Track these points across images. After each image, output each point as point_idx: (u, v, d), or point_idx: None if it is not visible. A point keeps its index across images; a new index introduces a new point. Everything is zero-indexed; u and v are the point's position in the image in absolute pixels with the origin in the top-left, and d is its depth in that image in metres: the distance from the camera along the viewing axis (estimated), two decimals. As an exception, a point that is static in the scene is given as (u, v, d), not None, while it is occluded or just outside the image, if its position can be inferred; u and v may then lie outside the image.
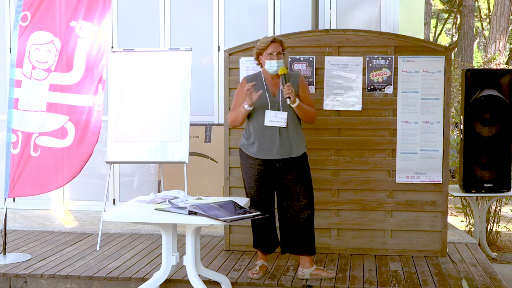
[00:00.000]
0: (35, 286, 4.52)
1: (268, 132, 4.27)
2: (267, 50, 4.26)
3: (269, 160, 4.29)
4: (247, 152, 4.36)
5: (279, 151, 4.27)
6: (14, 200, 6.91)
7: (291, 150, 4.30)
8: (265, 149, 4.28)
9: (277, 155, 4.27)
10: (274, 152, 4.27)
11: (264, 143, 4.28)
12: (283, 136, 4.27)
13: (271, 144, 4.26)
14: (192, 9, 6.66)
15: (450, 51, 5.05)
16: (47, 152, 5.05)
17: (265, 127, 4.27)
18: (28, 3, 5.04)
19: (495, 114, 5.69)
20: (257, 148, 4.30)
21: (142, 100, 5.48)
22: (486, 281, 4.35)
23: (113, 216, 4.15)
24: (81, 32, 5.15)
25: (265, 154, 4.29)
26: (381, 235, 5.05)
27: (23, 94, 5.01)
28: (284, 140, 4.27)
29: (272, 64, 4.25)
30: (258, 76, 4.38)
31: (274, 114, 4.25)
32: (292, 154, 4.30)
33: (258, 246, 4.57)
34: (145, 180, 6.83)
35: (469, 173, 5.76)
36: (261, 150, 4.29)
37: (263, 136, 4.28)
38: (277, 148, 4.26)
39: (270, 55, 4.25)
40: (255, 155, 4.31)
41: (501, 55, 13.96)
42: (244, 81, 4.40)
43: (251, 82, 4.30)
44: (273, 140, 4.26)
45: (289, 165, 4.31)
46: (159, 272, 4.03)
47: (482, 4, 22.41)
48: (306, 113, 4.31)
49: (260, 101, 4.27)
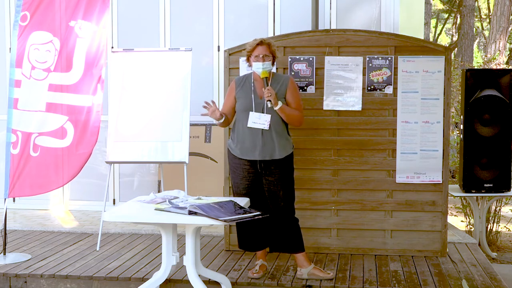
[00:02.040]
0: (35, 286, 4.52)
1: (250, 134, 4.30)
2: (253, 53, 4.29)
3: (253, 160, 4.33)
4: (233, 152, 4.41)
5: (261, 153, 4.29)
6: (14, 200, 6.91)
7: (273, 152, 4.30)
8: (248, 150, 4.32)
9: (259, 157, 4.30)
10: (256, 154, 4.30)
11: (246, 144, 4.32)
12: (265, 138, 4.28)
13: (253, 146, 4.30)
14: (192, 9, 6.66)
15: (450, 51, 5.05)
16: (46, 152, 5.05)
17: (248, 129, 4.30)
18: (28, 3, 5.04)
19: (495, 114, 5.69)
20: (240, 149, 4.35)
21: (142, 100, 5.48)
22: (486, 281, 4.35)
23: (113, 216, 4.14)
24: (80, 32, 5.15)
25: (248, 155, 4.33)
26: (381, 235, 5.05)
27: (22, 94, 5.01)
28: (266, 142, 4.29)
29: (258, 66, 4.27)
30: (248, 77, 4.42)
31: (257, 116, 4.27)
32: (274, 156, 4.31)
33: (242, 247, 4.58)
34: (145, 180, 6.83)
35: (469, 173, 5.76)
36: (243, 150, 4.33)
37: (246, 138, 4.31)
38: (259, 149, 4.29)
39: (256, 58, 4.28)
40: (239, 155, 4.36)
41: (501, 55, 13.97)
42: (233, 82, 4.45)
43: (241, 83, 4.39)
44: (255, 141, 4.29)
45: (271, 167, 4.32)
46: (159, 272, 4.03)
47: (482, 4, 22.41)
48: (289, 116, 4.30)
49: (245, 102, 4.32)
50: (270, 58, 4.30)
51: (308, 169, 5.04)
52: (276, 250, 4.55)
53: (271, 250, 4.59)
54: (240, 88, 4.38)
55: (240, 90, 4.38)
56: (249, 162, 4.34)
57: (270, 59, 4.30)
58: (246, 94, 4.34)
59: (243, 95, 4.35)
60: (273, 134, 4.29)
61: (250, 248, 4.57)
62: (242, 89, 4.37)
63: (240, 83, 4.41)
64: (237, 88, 4.40)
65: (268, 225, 4.47)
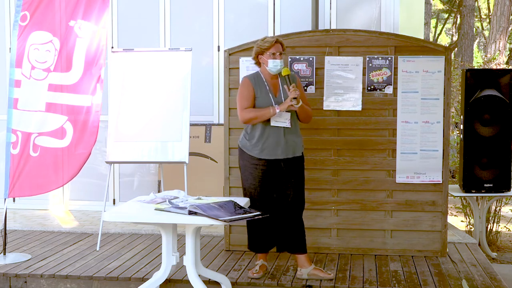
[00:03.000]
0: (35, 286, 4.52)
1: (273, 133, 4.29)
2: (271, 50, 4.27)
3: (273, 160, 4.31)
4: (250, 153, 4.36)
5: (285, 151, 4.31)
6: (14, 200, 6.90)
7: (295, 150, 4.36)
8: (270, 150, 4.30)
9: (282, 155, 4.31)
10: (279, 152, 4.30)
11: (269, 144, 4.30)
12: (287, 136, 4.31)
13: (276, 144, 4.29)
14: (192, 9, 6.66)
15: (450, 51, 5.05)
16: (46, 152, 5.05)
17: (270, 128, 4.29)
18: (28, 3, 5.04)
19: (495, 114, 5.69)
20: (261, 149, 4.31)
21: (142, 100, 5.48)
22: (486, 281, 4.35)
23: (113, 216, 4.14)
24: (80, 32, 5.15)
25: (270, 155, 4.31)
26: (381, 235, 5.05)
27: (22, 94, 5.01)
28: (288, 140, 4.32)
29: (276, 64, 4.27)
30: (258, 76, 4.39)
31: (279, 114, 4.27)
32: (296, 153, 4.37)
33: (253, 248, 4.56)
34: (145, 180, 6.83)
35: (469, 173, 5.75)
36: (265, 150, 4.31)
37: (269, 137, 4.30)
38: (282, 148, 4.30)
39: (273, 55, 4.27)
40: (259, 155, 4.32)
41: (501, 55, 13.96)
42: (247, 80, 4.37)
43: (253, 81, 4.34)
44: (279, 140, 4.29)
45: (292, 164, 4.35)
46: (159, 272, 4.03)
47: (482, 4, 22.40)
48: (306, 113, 4.37)
49: (265, 102, 4.29)
50: (282, 57, 4.32)
51: (308, 169, 5.02)
52: (283, 250, 4.53)
53: (278, 250, 4.57)
54: (256, 87, 4.33)
55: (257, 89, 4.32)
56: (268, 162, 4.32)
57: (282, 58, 4.32)
58: (263, 93, 4.31)
59: (261, 95, 4.31)
60: (294, 132, 4.34)
61: (260, 249, 4.54)
62: (258, 88, 4.32)
63: (254, 82, 4.34)
64: (254, 86, 4.32)
65: (278, 225, 4.46)
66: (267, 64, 4.31)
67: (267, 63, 4.30)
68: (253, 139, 4.35)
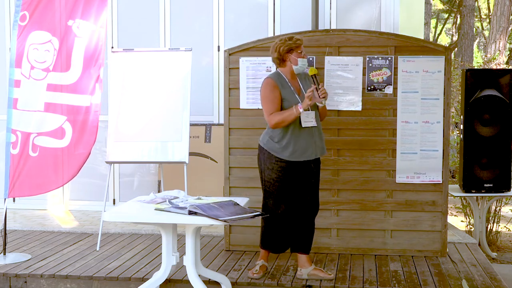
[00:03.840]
0: (35, 286, 4.52)
1: (304, 134, 4.23)
2: (300, 49, 4.23)
3: (303, 162, 4.27)
4: (278, 155, 4.23)
5: (315, 151, 4.30)
6: (14, 200, 6.90)
7: (322, 150, 4.38)
8: (301, 151, 4.24)
9: (313, 155, 4.29)
10: (309, 153, 4.27)
11: (300, 145, 4.23)
12: (315, 135, 4.30)
13: (307, 145, 4.25)
14: (192, 9, 6.66)
15: (450, 51, 5.05)
16: (45, 152, 5.04)
17: (300, 129, 4.22)
18: (27, 3, 5.03)
19: (495, 114, 5.69)
20: (292, 151, 4.22)
21: (142, 100, 5.48)
22: (486, 281, 4.35)
23: (113, 216, 4.14)
24: (78, 31, 5.14)
25: (300, 156, 4.25)
26: (381, 235, 5.05)
27: (22, 94, 5.01)
28: (317, 140, 4.32)
29: (304, 62, 4.25)
30: (280, 76, 4.28)
31: (306, 115, 4.21)
32: (324, 152, 4.41)
33: (267, 247, 4.49)
34: (145, 180, 6.83)
35: (469, 173, 5.75)
36: (297, 152, 4.23)
37: (300, 138, 4.23)
38: (313, 148, 4.28)
39: (300, 54, 4.24)
40: (289, 158, 4.23)
41: (501, 55, 13.96)
42: (272, 82, 4.22)
43: (277, 81, 4.23)
44: (310, 140, 4.26)
45: (316, 164, 4.38)
46: (159, 272, 4.03)
47: (482, 4, 22.41)
48: (325, 110, 4.44)
49: (292, 101, 4.20)
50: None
51: (308, 169, 5.04)
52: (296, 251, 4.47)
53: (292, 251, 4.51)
54: (282, 88, 4.23)
55: (283, 90, 4.23)
56: (296, 163, 4.25)
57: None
58: (288, 94, 4.22)
59: (288, 96, 4.21)
60: (319, 131, 4.35)
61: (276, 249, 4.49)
62: (283, 89, 4.23)
63: (279, 83, 4.24)
64: (280, 87, 4.22)
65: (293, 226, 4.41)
66: (296, 63, 4.22)
67: (296, 61, 4.21)
68: (282, 141, 4.22)
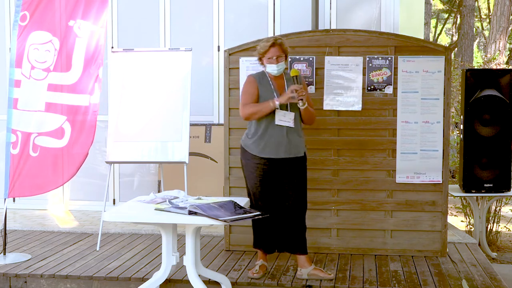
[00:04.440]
0: (35, 286, 4.52)
1: (276, 132, 4.29)
2: (267, 54, 4.29)
3: (275, 159, 4.31)
4: (251, 151, 4.36)
5: (287, 151, 4.31)
6: (14, 200, 6.90)
7: (298, 150, 4.36)
8: (272, 148, 4.30)
9: (284, 154, 4.30)
10: (281, 152, 4.30)
11: (271, 142, 4.30)
12: (289, 135, 4.31)
13: (278, 144, 4.29)
14: (192, 9, 6.66)
15: (450, 51, 5.05)
16: (46, 152, 5.05)
17: (273, 126, 4.29)
18: (27, 3, 5.04)
19: (495, 114, 5.69)
20: (263, 147, 4.31)
21: (142, 100, 5.48)
22: (486, 281, 4.35)
23: (113, 216, 4.14)
24: (79, 32, 5.15)
25: (271, 153, 4.30)
26: (381, 235, 5.05)
27: (22, 94, 5.01)
28: (291, 140, 4.32)
29: (273, 69, 4.30)
30: (263, 76, 4.39)
31: (283, 114, 4.28)
32: (299, 154, 4.37)
33: (259, 246, 4.57)
34: (145, 180, 6.83)
35: (469, 173, 5.75)
36: (267, 149, 4.31)
37: (271, 135, 4.30)
38: (285, 147, 4.29)
39: (269, 60, 4.29)
40: (260, 154, 4.32)
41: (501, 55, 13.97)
42: (252, 78, 4.38)
43: (258, 80, 4.35)
44: (281, 139, 4.29)
45: (295, 164, 4.35)
46: (159, 272, 4.03)
47: (482, 4, 22.41)
48: (310, 114, 4.38)
49: (268, 99, 4.27)
50: (283, 58, 4.31)
51: (308, 169, 4.99)
52: (284, 250, 4.53)
53: (279, 250, 4.56)
54: (260, 86, 4.34)
55: (261, 87, 4.33)
56: (269, 160, 4.31)
57: (283, 59, 4.32)
58: (267, 92, 4.31)
59: (265, 93, 4.31)
60: (297, 132, 4.35)
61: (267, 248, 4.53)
62: (262, 86, 4.33)
63: (259, 80, 4.36)
64: (258, 84, 4.34)
65: (280, 225, 4.45)
66: (266, 68, 4.36)
67: (266, 67, 4.35)
68: (254, 137, 4.35)
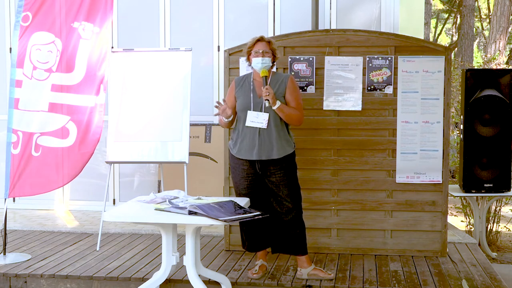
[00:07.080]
0: (35, 286, 4.52)
1: (249, 133, 4.29)
2: (254, 48, 4.30)
3: (251, 160, 4.32)
4: (232, 152, 4.41)
5: (258, 153, 4.27)
6: (14, 200, 6.91)
7: (270, 152, 4.27)
8: (246, 150, 4.30)
9: (256, 156, 4.28)
10: (253, 153, 4.28)
11: (244, 144, 4.31)
12: (262, 137, 4.26)
13: (251, 145, 4.28)
14: (192, 9, 6.66)
15: (450, 51, 5.05)
16: (48, 152, 5.05)
17: (246, 128, 4.29)
18: (29, 4, 5.04)
19: (495, 114, 5.69)
20: (239, 148, 4.33)
21: (142, 100, 5.48)
22: (486, 281, 4.36)
23: (113, 216, 4.14)
24: (84, 33, 5.16)
25: (246, 155, 4.31)
26: (381, 235, 5.05)
27: (23, 94, 5.01)
28: (263, 142, 4.26)
29: (257, 62, 4.26)
30: (247, 77, 4.42)
31: (255, 115, 4.26)
32: (271, 156, 4.27)
33: (244, 245, 4.59)
34: (145, 180, 6.83)
35: (469, 173, 5.76)
36: (242, 150, 4.32)
37: (245, 137, 4.30)
38: (256, 149, 4.27)
39: (256, 53, 4.28)
40: (237, 155, 4.35)
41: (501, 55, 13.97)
42: (233, 82, 4.46)
43: (240, 82, 4.39)
44: (253, 141, 4.27)
45: (269, 167, 4.30)
46: (159, 272, 4.03)
47: (482, 4, 22.41)
48: (288, 115, 4.26)
49: (244, 101, 4.31)
50: (269, 55, 4.29)
51: (308, 169, 5.04)
52: (278, 251, 4.55)
53: (273, 251, 4.59)
54: (239, 88, 4.38)
55: (239, 90, 4.37)
56: (247, 162, 4.33)
57: (269, 56, 4.29)
58: (245, 93, 4.34)
59: (242, 94, 4.34)
60: (272, 134, 4.26)
61: (252, 248, 4.57)
62: (241, 88, 4.37)
63: (239, 82, 4.42)
64: (236, 87, 4.40)
65: (271, 225, 4.47)
66: (251, 63, 4.33)
67: (252, 61, 4.32)
68: (233, 139, 4.41)
